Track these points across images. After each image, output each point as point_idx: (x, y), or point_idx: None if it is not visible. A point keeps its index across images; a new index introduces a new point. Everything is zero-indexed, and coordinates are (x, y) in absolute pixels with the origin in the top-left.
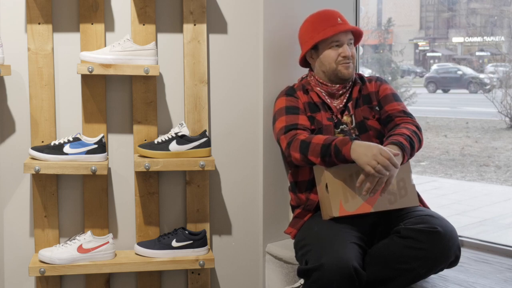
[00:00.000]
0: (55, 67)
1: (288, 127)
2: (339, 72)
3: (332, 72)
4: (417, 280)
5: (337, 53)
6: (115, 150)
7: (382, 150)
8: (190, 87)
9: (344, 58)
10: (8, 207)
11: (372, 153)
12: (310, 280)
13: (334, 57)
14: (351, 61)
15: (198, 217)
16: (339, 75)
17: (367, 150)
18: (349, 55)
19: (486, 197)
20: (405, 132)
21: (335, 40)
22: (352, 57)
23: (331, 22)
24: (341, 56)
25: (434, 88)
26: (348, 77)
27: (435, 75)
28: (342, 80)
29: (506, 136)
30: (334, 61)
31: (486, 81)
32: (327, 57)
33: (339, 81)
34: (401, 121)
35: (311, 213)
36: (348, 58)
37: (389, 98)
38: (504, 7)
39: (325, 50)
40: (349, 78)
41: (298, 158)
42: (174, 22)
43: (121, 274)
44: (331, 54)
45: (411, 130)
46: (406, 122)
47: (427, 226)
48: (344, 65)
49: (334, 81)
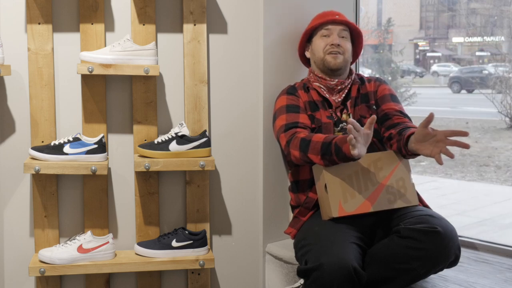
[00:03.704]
0: (55, 67)
1: (288, 125)
2: (325, 61)
3: (321, 62)
4: (417, 280)
5: (326, 42)
6: (115, 150)
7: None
8: (190, 87)
9: (331, 46)
10: (8, 207)
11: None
12: (310, 280)
13: (322, 45)
14: (339, 51)
15: (198, 217)
16: (325, 65)
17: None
18: (336, 42)
19: (486, 197)
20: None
21: (325, 28)
22: (344, 49)
23: (327, 15)
24: (328, 45)
25: (459, 88)
26: (335, 67)
27: (459, 75)
28: (331, 71)
29: (506, 136)
30: (322, 50)
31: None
32: (316, 46)
33: (328, 72)
34: (400, 120)
35: (310, 211)
36: (336, 46)
37: (387, 98)
38: (504, 7)
39: (316, 40)
40: (337, 69)
41: (297, 156)
42: (174, 22)
43: (121, 274)
44: (320, 43)
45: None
46: (406, 122)
47: (427, 226)
48: (332, 55)
49: (324, 71)
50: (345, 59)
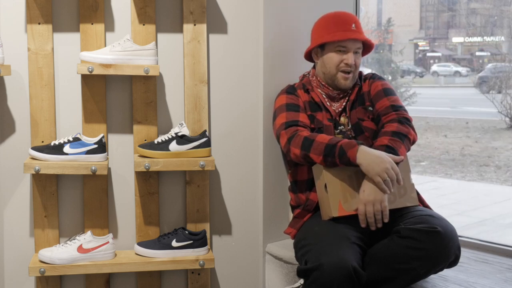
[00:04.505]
0: (55, 67)
1: (288, 123)
2: (336, 80)
3: (331, 77)
4: (417, 280)
5: (340, 59)
6: (115, 150)
7: (393, 164)
8: (190, 87)
9: (346, 65)
10: (8, 207)
11: (384, 166)
12: (310, 280)
13: (337, 62)
14: (352, 72)
15: (198, 217)
16: (336, 83)
17: (379, 161)
18: (352, 63)
19: (486, 197)
20: (384, 142)
21: (342, 45)
22: (356, 67)
23: (345, 26)
24: (343, 62)
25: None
26: (345, 88)
27: (488, 75)
28: (339, 89)
29: (506, 136)
30: (336, 66)
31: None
32: (329, 60)
33: (335, 88)
34: (386, 120)
35: (310, 213)
36: (351, 66)
37: (379, 94)
38: (504, 7)
39: (330, 52)
40: (345, 89)
41: (298, 154)
42: (174, 22)
43: (121, 274)
44: (334, 58)
45: (390, 133)
46: (389, 122)
47: (427, 226)
48: (344, 75)
49: (331, 85)
50: (354, 77)
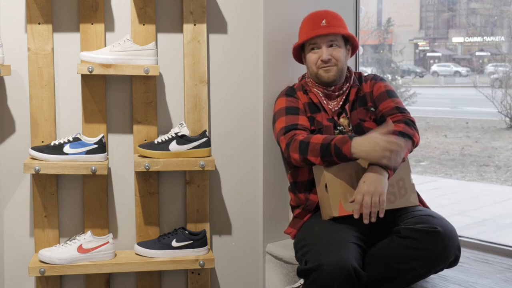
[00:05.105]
0: (55, 67)
1: (287, 127)
2: (319, 75)
3: (315, 75)
4: (417, 280)
5: (317, 57)
6: (115, 150)
7: (386, 139)
8: (190, 87)
9: (322, 62)
10: (8, 207)
11: (380, 147)
12: (310, 280)
13: (314, 60)
14: (331, 64)
15: (198, 217)
16: (320, 78)
17: (374, 145)
18: (326, 58)
19: (486, 197)
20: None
21: (313, 42)
22: (336, 59)
23: (314, 25)
24: (320, 59)
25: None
26: (329, 80)
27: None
28: (325, 84)
29: (506, 136)
30: (314, 65)
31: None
32: (308, 60)
33: (323, 84)
34: (392, 120)
35: (311, 213)
36: (327, 61)
37: (383, 96)
38: (504, 7)
39: (308, 52)
40: (331, 82)
41: (297, 159)
42: (174, 22)
43: (121, 274)
44: (311, 57)
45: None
46: (395, 122)
47: (427, 226)
48: (324, 69)
49: (319, 83)
50: (339, 69)
